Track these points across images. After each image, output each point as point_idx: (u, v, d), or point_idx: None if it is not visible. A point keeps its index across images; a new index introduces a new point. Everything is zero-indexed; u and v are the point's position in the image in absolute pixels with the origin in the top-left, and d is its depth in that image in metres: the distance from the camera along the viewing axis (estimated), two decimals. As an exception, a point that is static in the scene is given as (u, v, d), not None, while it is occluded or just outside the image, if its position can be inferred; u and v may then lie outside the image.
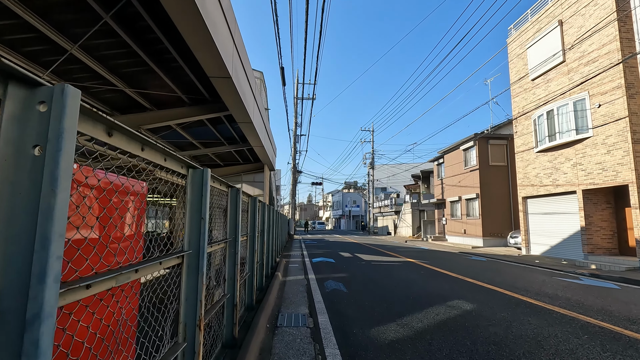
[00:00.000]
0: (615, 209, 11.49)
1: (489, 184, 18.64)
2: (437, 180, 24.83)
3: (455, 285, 7.17)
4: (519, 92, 14.81)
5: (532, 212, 14.21)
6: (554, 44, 12.66)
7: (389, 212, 37.20)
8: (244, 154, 11.00)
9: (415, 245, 20.40)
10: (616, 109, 10.26)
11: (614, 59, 10.28)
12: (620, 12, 10.20)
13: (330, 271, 9.15)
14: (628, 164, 9.83)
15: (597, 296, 6.28)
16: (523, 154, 14.56)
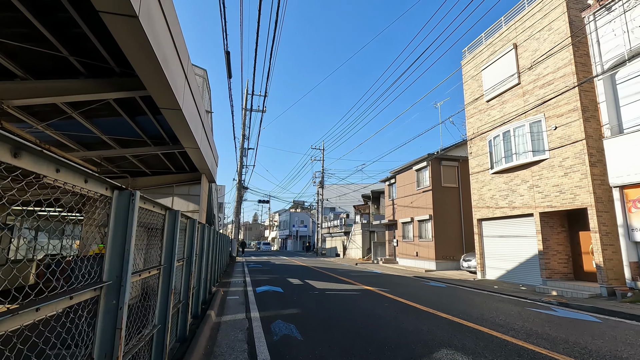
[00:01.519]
0: (569, 232, 11.39)
1: (441, 205, 18.37)
2: (388, 200, 24.38)
3: (431, 323, 5.93)
4: (474, 113, 14.75)
5: (487, 235, 13.87)
6: (509, 67, 12.72)
7: (338, 232, 36.21)
8: (177, 160, 9.06)
9: (367, 268, 19.30)
10: (573, 131, 10.21)
11: (570, 82, 10.31)
12: (574, 38, 10.33)
13: (278, 305, 7.46)
14: (586, 187, 9.67)
15: (593, 336, 5.40)
16: (478, 175, 14.34)
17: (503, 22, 13.45)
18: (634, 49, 8.51)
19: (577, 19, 10.46)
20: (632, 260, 8.35)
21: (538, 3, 11.68)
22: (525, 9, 12.28)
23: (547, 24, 11.23)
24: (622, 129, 8.82)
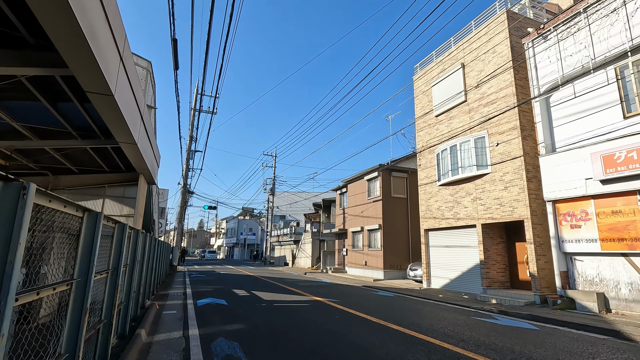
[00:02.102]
0: (507, 243, 12.09)
1: (391, 215, 18.74)
2: (339, 209, 24.44)
3: (383, 336, 5.72)
4: (424, 127, 15.30)
5: (433, 245, 14.31)
6: (457, 85, 13.38)
7: (287, 241, 35.58)
8: (110, 158, 8.04)
9: (316, 278, 19.00)
10: (512, 148, 10.91)
11: (510, 102, 11.04)
12: (515, 61, 11.13)
13: (221, 321, 6.81)
14: (523, 201, 10.33)
15: (535, 344, 5.55)
16: (426, 186, 14.82)
17: (452, 42, 14.19)
18: (566, 75, 9.31)
19: (517, 44, 11.29)
20: (562, 270, 8.98)
21: (484, 27, 12.47)
22: (472, 31, 13.05)
23: (492, 47, 12.01)
24: (555, 148, 9.56)
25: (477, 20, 13.03)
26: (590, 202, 8.49)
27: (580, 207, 8.71)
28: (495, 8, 12.28)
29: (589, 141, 8.65)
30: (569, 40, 9.35)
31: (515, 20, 11.68)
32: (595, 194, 8.36)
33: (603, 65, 8.55)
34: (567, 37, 9.42)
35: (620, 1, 8.24)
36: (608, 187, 8.07)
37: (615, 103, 8.29)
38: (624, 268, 7.87)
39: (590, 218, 8.46)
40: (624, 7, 8.16)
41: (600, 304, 8.03)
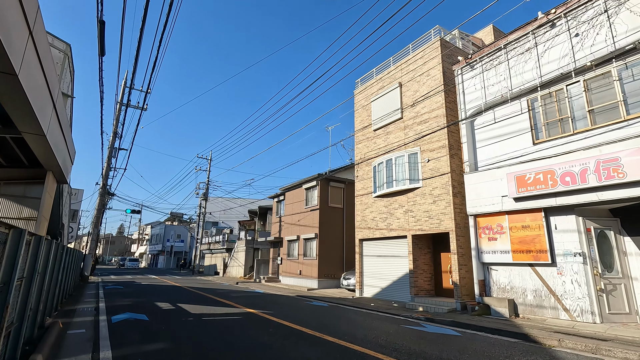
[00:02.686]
0: (433, 253, 12.91)
1: (327, 224, 18.94)
2: (275, 217, 24.06)
3: (319, 350, 5.60)
4: (362, 139, 15.83)
5: (367, 254, 14.72)
6: (395, 102, 14.12)
7: (219, 249, 33.97)
8: (9, 149, 6.81)
9: (249, 287, 18.32)
10: (441, 165, 11.76)
11: (441, 122, 11.94)
12: (446, 86, 12.10)
13: (140, 339, 6.08)
14: (449, 214, 11.14)
15: (459, 350, 5.89)
16: (362, 197, 15.27)
17: (392, 62, 14.99)
18: (488, 102, 10.35)
19: (449, 70, 12.31)
20: (480, 279, 9.81)
21: (420, 51, 13.39)
22: (410, 54, 13.94)
23: (427, 70, 12.92)
24: (477, 167, 10.51)
25: (414, 44, 13.96)
26: (505, 217, 9.45)
27: (497, 222, 9.64)
28: (431, 35, 13.28)
29: (505, 162, 9.66)
30: (492, 72, 10.44)
31: (447, 49, 12.75)
32: (509, 210, 9.33)
33: (518, 96, 9.67)
34: (490, 69, 10.50)
35: (533, 42, 9.44)
36: (520, 204, 9.06)
37: (526, 130, 9.41)
38: (530, 277, 8.86)
39: (504, 232, 9.41)
40: (535, 48, 9.36)
41: (510, 310, 8.91)
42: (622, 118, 7.59)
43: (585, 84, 8.28)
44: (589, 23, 8.29)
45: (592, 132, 8.03)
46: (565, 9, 8.72)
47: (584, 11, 8.42)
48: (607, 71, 7.92)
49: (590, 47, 8.18)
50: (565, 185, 8.00)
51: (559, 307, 8.23)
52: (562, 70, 8.62)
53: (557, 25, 8.95)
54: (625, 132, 7.46)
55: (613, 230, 8.27)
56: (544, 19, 9.15)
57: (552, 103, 8.96)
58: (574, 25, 8.59)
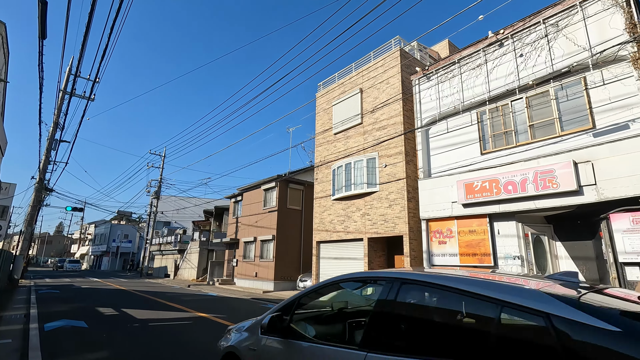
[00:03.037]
0: (387, 255, 13.31)
1: (285, 226, 18.81)
2: (232, 218, 23.46)
3: None
4: (323, 142, 15.96)
5: (324, 257, 14.83)
6: (355, 107, 14.41)
7: (171, 250, 32.43)
8: None
9: (201, 290, 17.66)
10: (397, 170, 12.18)
11: (398, 130, 12.38)
12: (404, 94, 12.57)
13: (76, 349, 5.61)
14: (404, 218, 11.56)
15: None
16: (321, 200, 15.38)
17: (353, 68, 15.29)
18: (442, 112, 10.91)
19: (407, 80, 12.80)
20: (430, 280, 10.27)
21: (381, 59, 13.80)
22: (371, 61, 14.31)
23: (386, 79, 13.34)
24: (430, 174, 11.02)
25: (376, 52, 14.36)
26: (454, 222, 9.99)
27: (447, 226, 10.17)
28: (391, 45, 13.74)
29: (455, 170, 10.22)
30: (446, 84, 11.02)
31: (406, 59, 13.27)
32: (458, 215, 9.88)
33: (469, 108, 10.29)
34: (445, 81, 11.08)
35: (483, 59, 10.11)
36: (468, 210, 9.63)
37: (475, 141, 10.04)
38: (475, 278, 9.43)
39: (453, 236, 9.94)
40: (485, 64, 10.04)
41: (457, 310, 9.41)
42: (557, 134, 8.36)
43: (527, 101, 9.02)
44: (531, 45, 9.04)
45: (532, 145, 8.75)
46: (512, 30, 9.44)
47: (527, 34, 9.18)
48: (545, 90, 8.68)
49: (532, 67, 8.92)
50: (507, 194, 8.63)
51: (499, 307, 8.84)
52: (507, 86, 9.31)
53: (504, 45, 9.66)
54: (560, 146, 8.22)
55: (547, 235, 9.07)
56: (494, 38, 9.84)
57: (498, 117, 9.64)
58: (519, 46, 9.33)
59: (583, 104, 8.05)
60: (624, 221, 7.00)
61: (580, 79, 8.14)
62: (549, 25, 8.76)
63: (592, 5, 8.09)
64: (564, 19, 8.51)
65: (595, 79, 7.92)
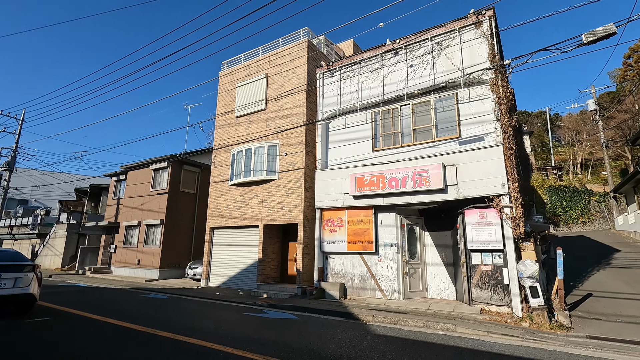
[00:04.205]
0: (282, 243, 13.60)
1: (176, 210, 17.51)
2: (112, 199, 20.74)
3: (150, 348, 5.15)
4: (223, 125, 15.25)
5: (217, 243, 14.33)
6: (260, 92, 14.13)
7: (27, 233, 27.05)
8: None
9: (67, 281, 15.28)
10: (297, 160, 12.45)
11: (301, 120, 12.63)
12: (309, 86, 12.84)
13: None
14: (300, 207, 11.93)
15: (294, 333, 6.39)
16: (218, 184, 14.75)
17: (261, 51, 14.91)
18: (342, 108, 11.52)
19: (312, 72, 13.09)
20: (320, 266, 10.89)
21: (289, 47, 13.78)
22: (279, 47, 14.17)
23: (293, 68, 13.40)
24: (327, 165, 11.58)
25: (284, 39, 14.26)
26: (345, 212, 10.75)
27: (338, 216, 10.88)
28: (300, 34, 13.83)
29: (349, 164, 10.97)
30: (348, 82, 11.64)
31: (314, 51, 13.54)
32: (349, 206, 10.65)
33: (365, 108, 11.10)
34: (346, 79, 11.69)
35: (381, 64, 10.98)
36: (357, 201, 10.46)
37: (368, 139, 10.91)
38: (359, 264, 10.37)
39: (343, 225, 10.70)
40: (382, 69, 10.93)
41: (341, 292, 10.22)
42: (433, 139, 9.67)
43: (413, 107, 10.18)
44: (420, 58, 10.19)
45: (414, 147, 9.94)
46: (406, 42, 10.47)
47: (418, 47, 10.30)
48: (427, 100, 9.92)
49: (419, 77, 10.08)
50: (391, 188, 9.66)
51: (377, 288, 9.93)
52: (398, 92, 10.34)
53: (399, 53, 10.66)
54: (434, 150, 9.54)
55: (419, 226, 10.49)
56: (391, 46, 10.76)
57: (389, 119, 10.65)
58: (410, 57, 10.41)
59: (454, 116, 9.48)
60: (473, 216, 8.56)
61: (453, 94, 9.54)
62: (435, 43, 9.99)
63: (467, 32, 9.50)
64: (446, 40, 9.81)
65: (464, 96, 9.39)
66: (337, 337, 5.95)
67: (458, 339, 6.03)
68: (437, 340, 5.92)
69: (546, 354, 5.22)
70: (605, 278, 10.33)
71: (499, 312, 7.79)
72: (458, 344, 5.69)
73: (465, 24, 9.48)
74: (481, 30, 9.23)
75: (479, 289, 8.32)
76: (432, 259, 10.30)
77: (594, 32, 6.58)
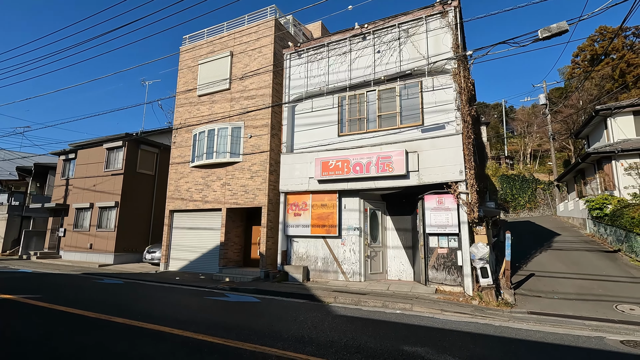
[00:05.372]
0: (245, 226, 13.43)
1: (132, 192, 16.64)
2: (60, 179, 19.28)
3: (103, 334, 4.93)
4: (184, 103, 14.54)
5: (177, 227, 13.87)
6: (224, 71, 13.57)
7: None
8: None
9: (8, 267, 14.16)
10: (262, 142, 12.21)
11: (267, 102, 12.33)
12: (275, 67, 12.51)
13: None
14: (264, 190, 11.79)
15: (257, 315, 6.39)
16: (178, 166, 14.16)
17: (225, 27, 14.24)
18: (309, 92, 11.37)
19: (279, 52, 12.75)
20: (283, 249, 10.92)
21: (255, 25, 13.27)
22: (245, 24, 13.60)
23: (259, 47, 12.96)
24: (293, 149, 11.48)
25: (250, 16, 13.70)
26: (310, 196, 10.78)
27: (303, 200, 10.88)
28: (267, 12, 13.34)
29: (315, 148, 10.94)
30: (315, 64, 11.48)
31: (281, 31, 13.16)
32: (313, 190, 10.68)
33: (332, 92, 11.03)
34: (314, 61, 11.51)
35: (348, 48, 10.91)
36: (322, 186, 10.51)
37: (334, 123, 10.91)
38: (322, 247, 10.51)
39: (307, 209, 10.74)
40: (350, 53, 10.87)
41: (304, 275, 10.34)
42: (397, 125, 9.86)
43: (379, 94, 10.27)
44: (387, 45, 10.24)
45: (379, 133, 10.09)
46: (374, 27, 10.45)
47: (386, 34, 10.33)
48: (393, 87, 10.05)
49: (386, 64, 10.15)
50: (355, 173, 9.78)
51: (339, 271, 10.15)
52: (365, 78, 10.36)
53: (367, 38, 10.63)
54: (398, 137, 9.74)
55: (381, 211, 10.77)
56: (359, 31, 10.70)
57: (355, 104, 10.68)
58: (378, 43, 10.43)
59: (418, 103, 9.69)
60: (432, 201, 8.92)
61: (418, 82, 9.73)
62: (402, 30, 10.06)
63: (433, 21, 9.65)
64: (413, 27, 9.91)
65: (428, 84, 9.60)
66: (300, 319, 6.04)
67: (414, 317, 6.35)
68: (394, 319, 6.19)
69: (492, 329, 5.65)
70: (546, 259, 11.28)
71: (453, 292, 8.28)
72: (414, 322, 5.99)
73: (432, 13, 9.61)
74: (446, 20, 9.40)
75: (435, 270, 8.77)
76: (393, 242, 10.67)
77: (548, 29, 6.94)
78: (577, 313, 6.60)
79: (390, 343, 4.70)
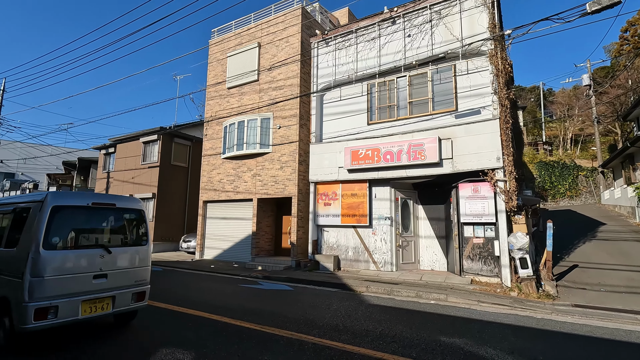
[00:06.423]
0: (276, 216, 13.63)
1: (168, 184, 17.31)
2: (102, 172, 20.38)
3: (151, 318, 5.19)
4: (215, 96, 14.83)
5: (210, 216, 14.31)
6: (252, 62, 13.66)
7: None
8: None
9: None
10: (291, 133, 12.25)
11: (295, 92, 12.31)
12: (303, 56, 12.43)
13: None
14: (294, 180, 11.87)
15: (289, 303, 6.50)
16: (210, 157, 14.53)
17: (252, 18, 14.28)
18: (337, 80, 11.22)
19: (306, 41, 12.63)
20: (314, 239, 10.99)
21: (282, 15, 13.21)
22: (272, 15, 13.57)
23: (286, 37, 12.91)
24: (322, 139, 11.43)
25: (277, 6, 13.63)
26: (339, 186, 10.73)
27: (332, 189, 10.86)
28: (293, 1, 13.22)
29: (344, 137, 10.82)
30: (343, 52, 11.28)
31: (308, 19, 13.02)
32: (343, 180, 10.61)
33: (361, 79, 10.82)
34: (342, 49, 11.32)
35: (377, 33, 10.62)
36: (352, 175, 10.42)
37: (364, 111, 10.72)
38: (353, 237, 10.48)
39: (337, 198, 10.71)
40: (379, 38, 10.58)
41: (335, 264, 10.38)
42: (429, 112, 9.54)
43: (410, 79, 9.96)
44: (418, 28, 9.87)
45: (410, 120, 9.82)
46: (404, 10, 10.09)
47: (416, 16, 9.95)
48: (425, 72, 9.70)
49: (417, 48, 9.80)
50: (386, 162, 9.60)
51: (370, 260, 10.09)
52: (395, 63, 10.07)
53: (397, 22, 10.29)
54: (430, 123, 9.43)
55: (412, 200, 10.56)
56: (388, 15, 10.37)
57: (385, 91, 10.43)
58: (408, 26, 10.07)
59: (451, 88, 9.32)
60: (467, 190, 8.62)
61: (451, 66, 9.33)
62: (434, 12, 9.65)
63: (467, 0, 9.17)
64: (445, 8, 9.47)
65: (462, 67, 9.19)
66: (333, 307, 6.07)
67: (450, 308, 6.21)
68: (429, 309, 6.09)
69: (534, 322, 5.42)
70: (590, 250, 10.65)
71: (489, 283, 8.02)
72: (450, 313, 5.86)
73: (466, -8, 9.12)
74: (482, -2, 8.90)
75: (470, 261, 8.52)
76: (425, 231, 10.45)
77: (598, 1, 6.40)
78: (628, 307, 6.20)
79: (426, 333, 4.62)
